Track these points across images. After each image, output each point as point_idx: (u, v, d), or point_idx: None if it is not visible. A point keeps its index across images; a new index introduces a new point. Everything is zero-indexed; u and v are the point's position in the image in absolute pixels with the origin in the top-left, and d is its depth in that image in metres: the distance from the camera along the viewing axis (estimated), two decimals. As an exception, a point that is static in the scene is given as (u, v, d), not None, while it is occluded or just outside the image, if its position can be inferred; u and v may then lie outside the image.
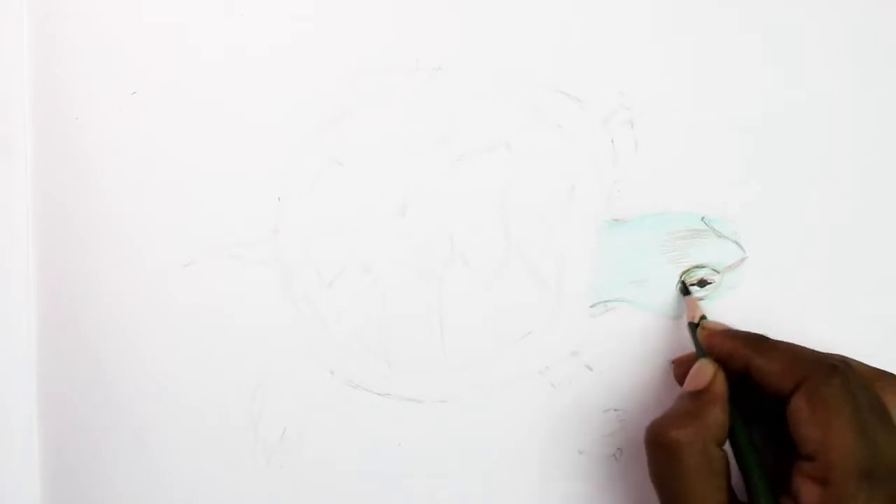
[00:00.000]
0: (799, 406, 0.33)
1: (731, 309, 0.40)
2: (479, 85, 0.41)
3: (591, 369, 0.41)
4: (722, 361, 0.36)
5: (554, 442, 0.41)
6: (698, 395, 0.35)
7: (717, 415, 0.34)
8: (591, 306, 0.40)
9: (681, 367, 0.38)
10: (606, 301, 0.40)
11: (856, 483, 0.31)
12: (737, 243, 0.40)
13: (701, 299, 0.40)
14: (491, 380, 0.41)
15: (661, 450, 0.34)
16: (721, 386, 0.35)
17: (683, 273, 0.40)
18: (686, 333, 0.39)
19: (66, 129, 0.42)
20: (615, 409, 0.41)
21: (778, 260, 0.40)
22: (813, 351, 0.35)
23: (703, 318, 0.38)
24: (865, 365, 0.35)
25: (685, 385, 0.36)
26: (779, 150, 0.41)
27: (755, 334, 0.37)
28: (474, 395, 0.41)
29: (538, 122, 0.41)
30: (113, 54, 0.41)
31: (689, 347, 0.38)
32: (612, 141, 0.41)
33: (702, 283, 0.40)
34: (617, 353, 0.40)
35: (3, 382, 0.42)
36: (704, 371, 0.36)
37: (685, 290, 0.40)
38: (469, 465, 0.41)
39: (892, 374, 0.35)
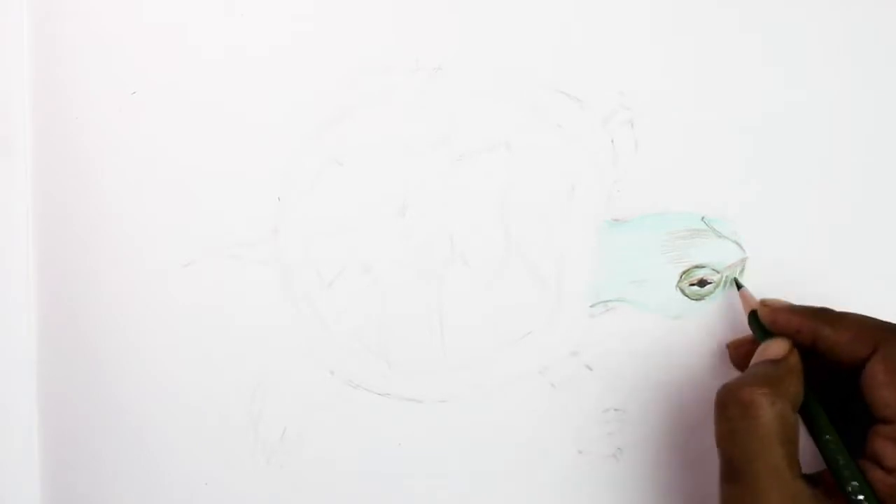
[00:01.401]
0: (875, 370, 0.33)
1: (731, 308, 0.40)
2: (479, 85, 0.41)
3: (590, 369, 0.41)
4: (792, 336, 0.36)
5: (554, 442, 0.41)
6: (776, 364, 0.35)
7: (795, 385, 0.34)
8: (591, 306, 0.40)
9: (738, 350, 0.39)
10: (606, 301, 0.40)
11: None
12: (737, 243, 0.40)
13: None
14: (491, 380, 0.41)
15: (736, 407, 0.34)
16: (796, 359, 0.35)
17: (684, 273, 0.40)
18: (687, 330, 0.40)
19: (66, 129, 0.42)
20: (615, 409, 0.41)
21: (777, 258, 0.40)
22: (880, 320, 0.36)
23: (753, 314, 0.38)
24: None
25: (763, 354, 0.36)
26: (778, 150, 0.41)
27: (818, 307, 0.37)
28: (474, 395, 0.41)
29: (538, 122, 0.41)
30: (113, 54, 0.41)
31: (689, 346, 0.39)
32: (612, 141, 0.41)
33: (702, 283, 0.40)
34: (617, 353, 0.40)
35: (3, 382, 0.42)
36: (779, 345, 0.36)
37: (738, 284, 0.40)
38: (469, 465, 0.41)
39: None
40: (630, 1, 0.41)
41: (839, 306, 0.40)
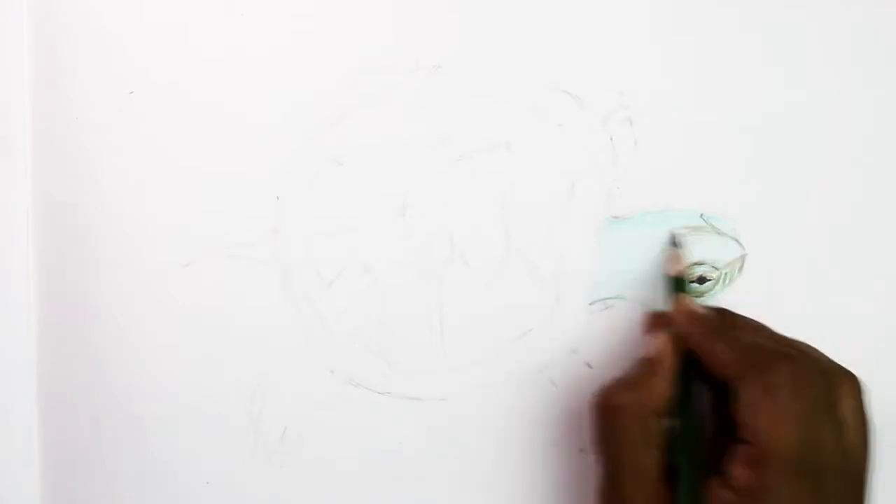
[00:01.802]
0: (745, 393, 0.33)
1: (731, 305, 0.40)
2: (479, 84, 0.41)
3: (591, 367, 0.40)
4: (682, 338, 0.36)
5: (554, 440, 0.41)
6: (648, 364, 0.36)
7: (661, 386, 0.35)
8: (591, 304, 0.40)
9: (653, 322, 0.39)
10: (606, 299, 0.40)
11: (786, 472, 0.32)
12: (736, 240, 0.40)
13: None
14: (491, 378, 0.41)
15: (603, 415, 0.35)
16: (670, 360, 0.36)
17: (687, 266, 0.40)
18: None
19: (66, 129, 0.42)
20: (615, 407, 0.40)
21: (777, 257, 0.40)
22: (774, 335, 0.36)
23: (680, 281, 0.39)
24: (827, 357, 0.35)
25: (641, 349, 0.37)
26: (777, 148, 0.41)
27: (720, 317, 0.37)
28: (474, 393, 0.41)
29: (538, 122, 0.41)
30: (113, 54, 0.41)
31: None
32: (612, 139, 0.41)
33: (701, 280, 0.40)
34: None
35: (3, 382, 0.42)
36: (660, 342, 0.37)
37: (675, 242, 0.40)
38: (469, 464, 0.41)
39: (849, 372, 0.35)
40: (629, 0, 0.41)
41: (837, 304, 0.40)
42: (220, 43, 0.41)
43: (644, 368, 0.36)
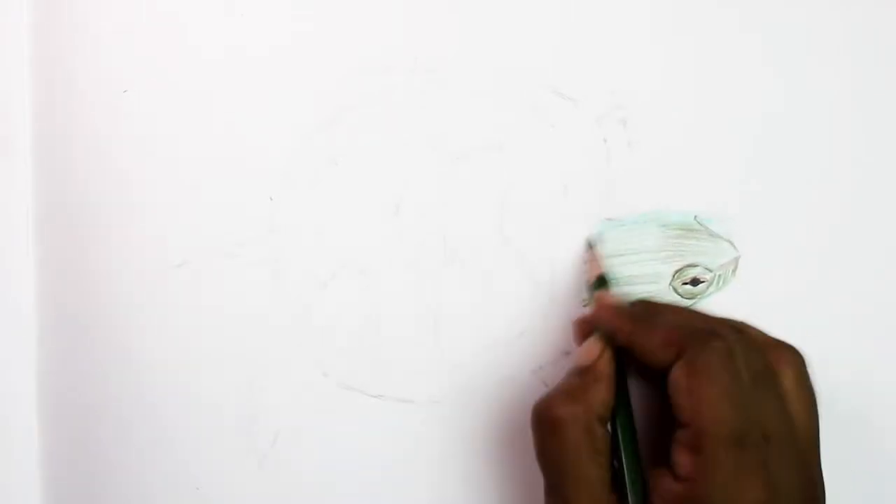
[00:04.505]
0: (677, 375, 0.33)
1: (724, 307, 0.40)
2: (474, 85, 0.41)
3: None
4: (610, 336, 0.36)
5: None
6: (584, 373, 0.35)
7: (602, 393, 0.35)
8: (585, 305, 0.40)
9: (583, 328, 0.38)
10: (599, 300, 0.40)
11: (725, 449, 0.31)
12: (730, 242, 0.40)
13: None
14: (484, 380, 0.41)
15: (544, 427, 0.35)
16: (606, 364, 0.36)
17: (676, 272, 0.40)
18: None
19: (66, 129, 0.42)
20: (609, 409, 0.40)
21: (771, 260, 0.40)
22: (702, 316, 0.36)
23: (602, 280, 0.38)
24: (762, 333, 0.35)
25: (575, 359, 0.36)
26: (772, 149, 0.41)
27: (643, 306, 0.37)
28: (468, 395, 0.41)
29: (532, 122, 0.41)
30: (112, 54, 0.42)
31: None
32: (606, 140, 0.40)
33: (695, 282, 0.40)
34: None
35: (3, 382, 0.42)
36: (592, 348, 0.36)
37: (590, 244, 0.40)
38: (463, 466, 0.41)
39: (787, 345, 0.35)
40: (624, 0, 0.41)
41: (831, 307, 0.40)
42: (219, 43, 0.42)
43: (582, 377, 0.35)
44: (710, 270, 0.40)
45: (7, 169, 0.42)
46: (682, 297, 0.40)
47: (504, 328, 0.41)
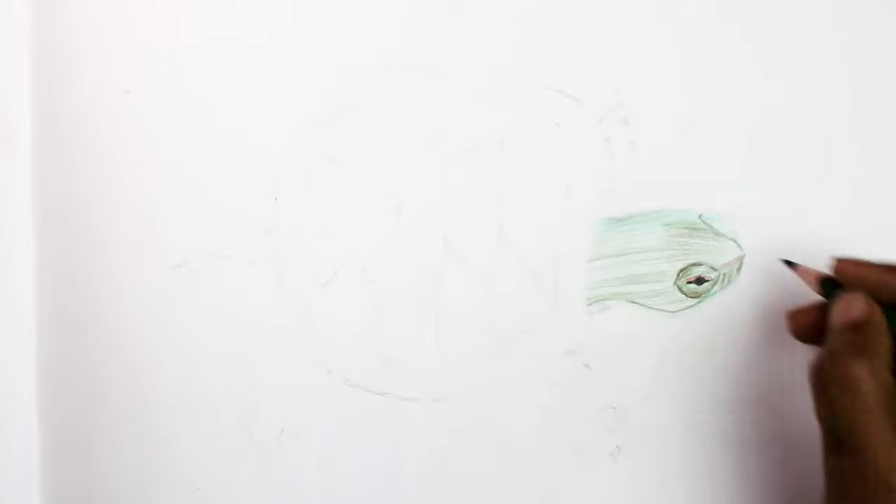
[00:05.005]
0: None
1: (728, 305, 0.40)
2: (475, 84, 0.41)
3: (587, 367, 0.40)
4: (875, 291, 0.36)
5: (551, 440, 0.41)
6: (862, 327, 0.35)
7: (886, 342, 0.34)
8: (588, 304, 0.40)
9: (803, 319, 0.37)
10: (603, 299, 0.40)
11: None
12: (734, 241, 0.40)
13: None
14: (487, 379, 0.41)
15: (836, 385, 0.34)
16: (880, 314, 0.35)
17: (681, 271, 0.40)
18: (684, 328, 0.40)
19: (66, 129, 0.42)
20: (612, 407, 0.40)
21: (775, 258, 0.40)
22: None
23: (826, 280, 0.38)
24: None
25: (839, 318, 0.35)
26: (775, 149, 0.41)
27: (881, 262, 0.37)
28: (471, 394, 0.41)
29: (533, 121, 0.41)
30: (111, 54, 0.42)
31: (686, 343, 0.38)
32: (608, 139, 0.40)
33: (699, 281, 0.40)
34: (614, 351, 0.40)
35: (3, 382, 0.42)
36: (859, 305, 0.35)
37: (789, 263, 0.39)
38: (465, 465, 0.41)
39: None
40: (626, 0, 0.41)
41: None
42: (217, 42, 0.41)
43: (863, 332, 0.34)
44: (715, 269, 0.40)
45: (7, 169, 0.42)
46: (686, 295, 0.40)
47: (507, 327, 0.41)
